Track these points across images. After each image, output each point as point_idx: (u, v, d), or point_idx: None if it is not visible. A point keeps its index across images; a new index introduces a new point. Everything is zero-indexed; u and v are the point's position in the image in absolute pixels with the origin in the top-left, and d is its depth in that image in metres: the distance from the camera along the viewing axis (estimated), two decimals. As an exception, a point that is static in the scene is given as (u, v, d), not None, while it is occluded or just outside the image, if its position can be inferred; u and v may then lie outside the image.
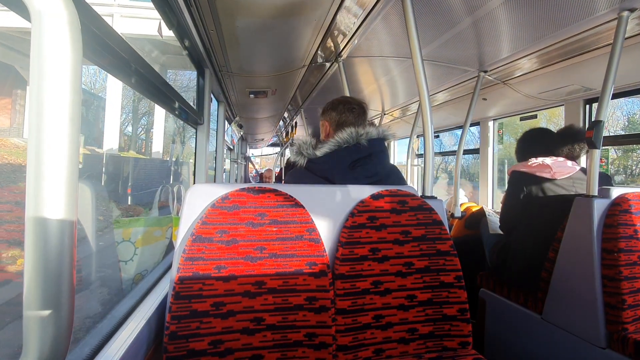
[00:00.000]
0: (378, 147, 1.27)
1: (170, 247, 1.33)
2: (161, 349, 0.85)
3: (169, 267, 1.22)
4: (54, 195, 0.33)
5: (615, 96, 2.00)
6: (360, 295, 0.99)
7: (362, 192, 1.08)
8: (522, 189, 1.74)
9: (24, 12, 0.33)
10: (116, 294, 1.02)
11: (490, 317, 1.76)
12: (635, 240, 1.26)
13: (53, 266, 0.34)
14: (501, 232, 2.01)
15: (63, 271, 0.35)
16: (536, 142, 1.86)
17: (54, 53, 0.31)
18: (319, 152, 1.23)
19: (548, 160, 1.70)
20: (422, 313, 1.02)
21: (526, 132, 1.94)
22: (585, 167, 1.67)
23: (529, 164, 1.75)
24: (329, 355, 0.92)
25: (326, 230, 1.04)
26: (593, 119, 1.36)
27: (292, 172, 1.28)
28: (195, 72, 2.09)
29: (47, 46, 0.30)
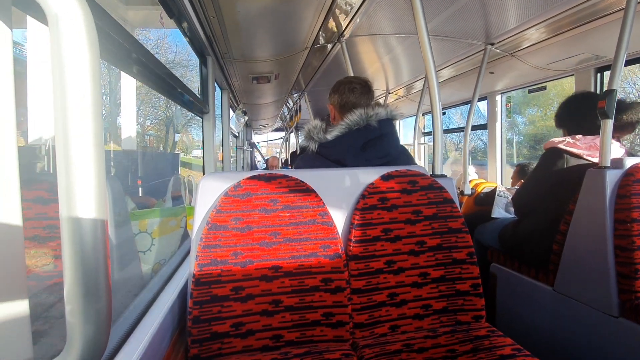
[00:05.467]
0: (388, 128, 1.26)
1: (185, 236, 1.37)
2: (185, 332, 0.89)
3: (186, 255, 1.26)
4: (85, 194, 0.35)
5: (628, 63, 1.94)
6: (374, 275, 1.01)
7: (372, 174, 1.08)
8: (558, 172, 1.47)
9: (40, 16, 0.34)
10: (138, 282, 1.06)
11: (502, 291, 1.78)
12: None
13: (89, 262, 0.36)
14: (511, 214, 1.99)
15: (99, 266, 0.36)
16: (593, 110, 1.38)
17: (72, 55, 0.31)
18: (330, 136, 1.23)
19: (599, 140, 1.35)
20: (436, 290, 1.04)
21: (580, 94, 1.64)
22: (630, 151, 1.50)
23: (577, 142, 1.47)
24: (347, 333, 0.95)
25: (338, 213, 1.06)
26: (605, 88, 1.32)
27: (303, 157, 1.28)
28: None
29: (65, 48, 0.31)
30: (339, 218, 1.06)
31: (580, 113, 1.56)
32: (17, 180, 0.42)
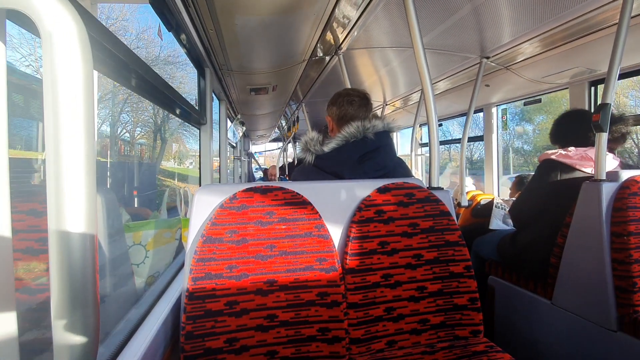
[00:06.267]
0: (385, 140, 1.26)
1: (179, 248, 1.35)
2: (178, 348, 0.87)
3: (180, 268, 1.24)
4: (75, 206, 0.34)
5: (622, 77, 1.97)
6: (371, 289, 1.00)
7: (369, 186, 1.08)
8: (553, 184, 1.50)
9: (32, 29, 0.34)
10: (132, 296, 1.04)
11: (500, 304, 1.76)
12: None
13: (77, 275, 0.35)
14: (509, 226, 1.99)
15: (87, 279, 0.36)
16: (583, 125, 1.53)
17: (65, 71, 0.31)
18: (327, 148, 1.23)
19: (592, 152, 1.40)
20: (433, 304, 1.03)
21: (570, 111, 1.70)
22: (623, 161, 1.55)
23: (569, 153, 1.50)
24: (343, 349, 0.93)
25: (335, 226, 1.05)
26: (599, 101, 1.34)
27: (300, 169, 1.28)
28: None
29: (59, 64, 0.31)
30: (336, 231, 1.05)
31: (573, 128, 1.61)
32: (8, 191, 0.41)
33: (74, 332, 0.36)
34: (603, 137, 1.29)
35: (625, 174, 1.31)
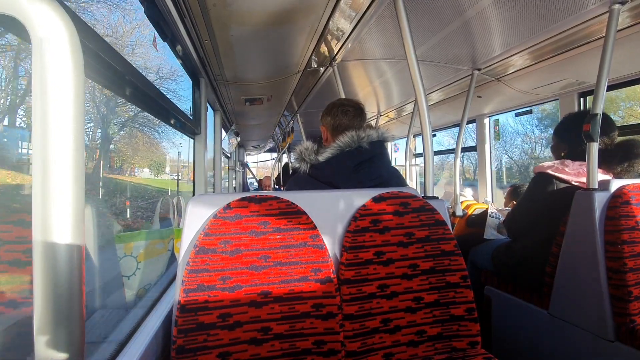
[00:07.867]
0: (379, 150, 1.27)
1: (172, 259, 1.32)
2: None
3: (172, 280, 1.21)
4: (61, 215, 0.33)
5: (610, 88, 2.01)
6: (367, 300, 0.98)
7: (364, 195, 1.08)
8: (547, 196, 1.50)
9: (24, 35, 0.33)
10: (122, 309, 1.01)
11: (497, 315, 1.75)
12: (637, 231, 1.26)
13: (63, 289, 0.34)
14: (504, 236, 2.00)
15: (73, 294, 0.34)
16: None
17: (56, 79, 0.31)
18: (322, 158, 1.23)
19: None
20: (430, 315, 1.01)
21: (582, 112, 1.60)
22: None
23: (566, 168, 1.49)
24: None
25: (330, 235, 1.04)
26: (589, 112, 1.36)
27: (295, 179, 1.28)
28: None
29: (49, 68, 0.30)
30: (331, 241, 1.04)
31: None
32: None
33: (57, 349, 0.34)
34: (594, 147, 1.31)
35: (616, 183, 1.32)
